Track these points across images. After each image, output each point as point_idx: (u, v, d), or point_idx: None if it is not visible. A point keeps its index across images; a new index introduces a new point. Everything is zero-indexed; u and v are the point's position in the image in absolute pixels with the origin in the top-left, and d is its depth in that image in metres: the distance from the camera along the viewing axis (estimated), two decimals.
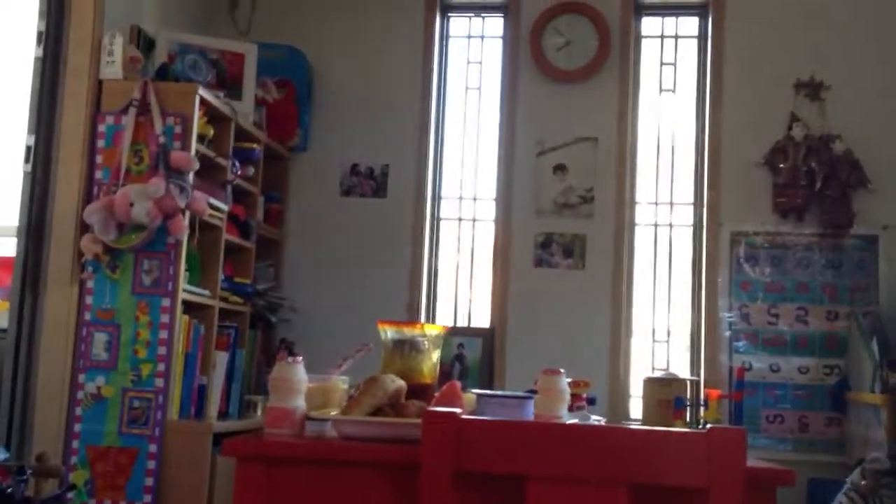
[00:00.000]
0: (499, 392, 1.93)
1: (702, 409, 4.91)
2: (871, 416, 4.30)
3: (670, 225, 5.24)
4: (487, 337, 5.11)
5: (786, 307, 4.92)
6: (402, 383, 1.67)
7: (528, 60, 5.22)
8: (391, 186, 5.21)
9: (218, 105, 4.16)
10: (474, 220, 5.37)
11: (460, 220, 5.38)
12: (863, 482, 3.45)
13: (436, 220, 5.37)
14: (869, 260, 4.87)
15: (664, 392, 4.92)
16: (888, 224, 4.81)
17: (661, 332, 5.17)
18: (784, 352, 4.90)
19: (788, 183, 4.88)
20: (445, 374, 4.86)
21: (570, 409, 1.95)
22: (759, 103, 5.01)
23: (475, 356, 5.11)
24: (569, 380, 1.96)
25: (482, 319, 5.23)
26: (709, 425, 1.32)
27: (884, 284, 4.81)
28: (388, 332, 1.86)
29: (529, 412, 1.76)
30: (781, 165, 4.89)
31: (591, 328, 5.01)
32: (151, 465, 3.69)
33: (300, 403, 1.65)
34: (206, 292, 4.14)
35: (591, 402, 2.03)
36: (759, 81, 5.04)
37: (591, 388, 2.04)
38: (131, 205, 3.61)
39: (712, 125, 5.08)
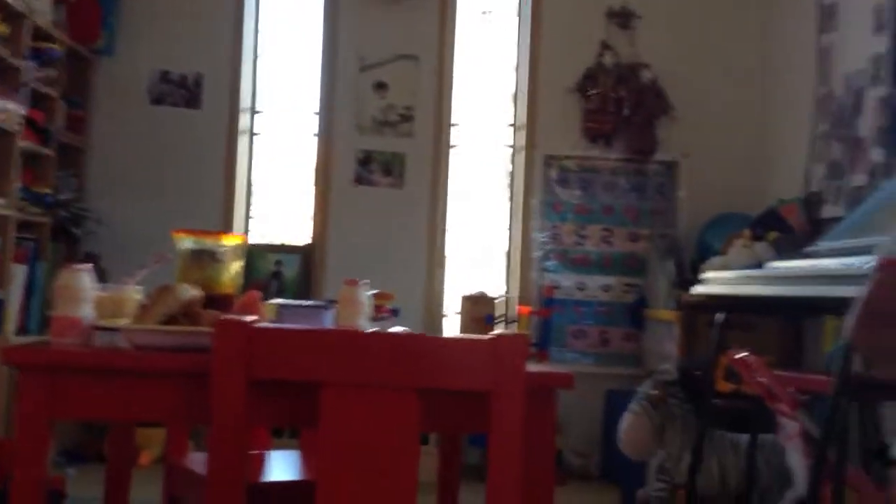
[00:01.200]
0: (296, 301, 1.93)
1: (514, 325, 5.12)
2: (664, 332, 4.59)
3: (487, 146, 5.33)
4: (306, 254, 5.07)
5: (592, 228, 5.15)
6: (196, 292, 1.63)
7: None
8: (205, 96, 5.02)
9: (10, 1, 3.85)
10: (293, 135, 5.27)
11: (278, 133, 5.26)
12: (653, 392, 3.69)
13: (252, 133, 5.23)
14: (669, 185, 5.15)
15: (478, 309, 5.08)
16: (688, 151, 5.09)
17: (478, 251, 5.30)
18: (589, 271, 5.14)
19: (598, 109, 5.06)
20: (262, 290, 4.81)
21: (374, 320, 1.97)
22: (573, 30, 5.13)
23: (293, 273, 5.07)
24: (373, 291, 1.97)
25: (301, 236, 5.19)
26: (496, 332, 1.37)
27: (681, 209, 5.11)
28: (186, 242, 1.81)
29: (327, 321, 1.76)
30: (592, 92, 5.05)
31: (410, 246, 5.07)
32: None
33: (87, 312, 1.59)
34: (2, 201, 3.87)
35: (395, 313, 2.06)
36: (573, 8, 5.15)
37: (394, 300, 2.08)
38: None
39: (531, 50, 5.16)
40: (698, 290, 3.75)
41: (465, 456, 3.20)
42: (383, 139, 5.10)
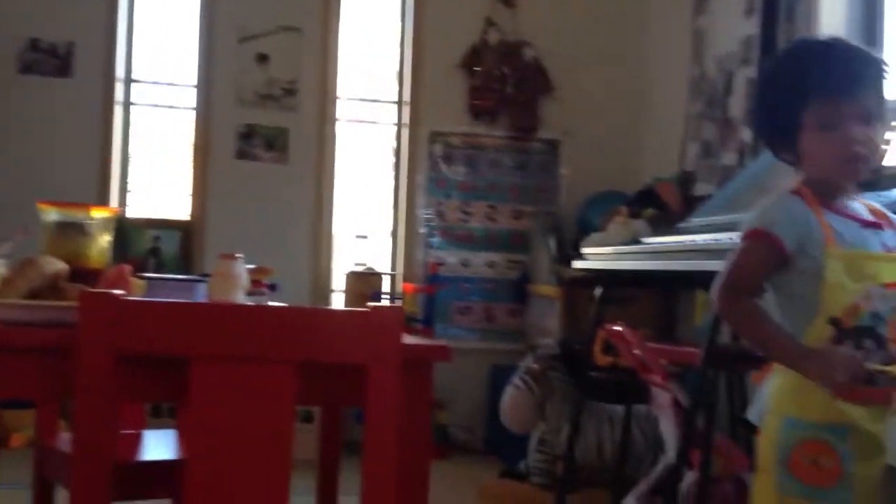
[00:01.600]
0: (167, 276, 1.88)
1: (398, 302, 5.12)
2: (547, 307, 4.68)
3: (372, 122, 5.30)
4: (186, 230, 4.95)
5: (477, 205, 5.19)
6: (61, 266, 1.57)
7: None
8: (77, 66, 4.81)
9: None
10: (171, 108, 5.12)
11: (156, 105, 5.10)
12: (534, 366, 3.77)
13: (128, 104, 5.05)
14: (551, 163, 5.23)
15: (363, 285, 5.06)
16: (569, 129, 5.18)
17: (364, 227, 5.28)
18: (474, 247, 5.19)
19: (483, 86, 5.09)
20: (139, 267, 4.66)
21: (251, 295, 1.94)
22: (458, 6, 5.13)
23: (172, 250, 4.94)
24: (250, 266, 1.94)
25: (181, 212, 5.05)
26: (375, 304, 1.36)
27: (563, 187, 5.21)
28: (51, 214, 1.73)
29: (200, 295, 1.72)
30: (477, 69, 5.08)
31: (294, 223, 5.01)
32: None
33: None
34: None
35: (273, 288, 2.03)
36: None
37: (272, 274, 2.04)
38: None
39: (415, 25, 5.15)
40: (578, 265, 3.84)
41: (352, 433, 3.19)
42: (266, 113, 5.01)
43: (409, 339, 1.59)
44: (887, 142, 1.78)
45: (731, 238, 2.40)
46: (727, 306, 1.71)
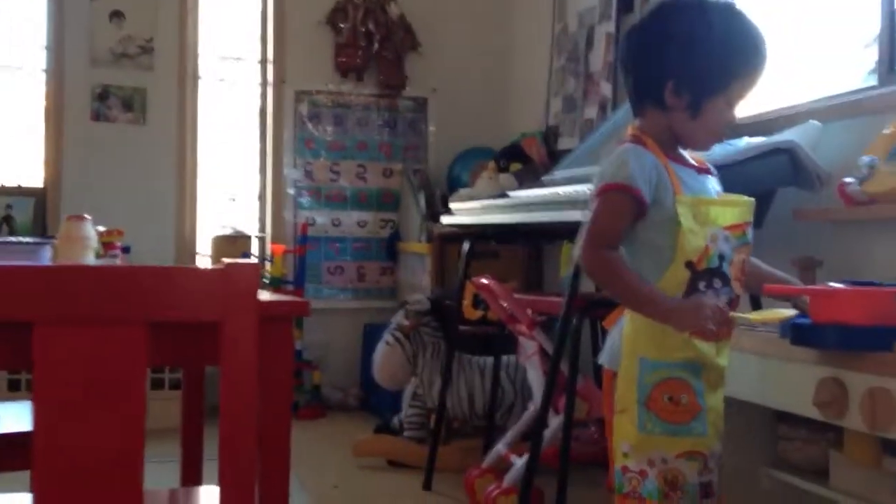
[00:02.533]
0: (9, 238, 1.79)
1: (267, 263, 5.04)
2: (418, 264, 4.70)
3: (236, 81, 5.16)
4: (40, 197, 4.73)
5: (346, 164, 5.15)
6: None
7: None
8: None
9: None
10: (20, 69, 4.84)
11: (5, 67, 4.82)
12: (404, 322, 3.79)
13: None
14: (419, 120, 5.23)
15: (231, 248, 4.96)
16: (437, 87, 5.18)
17: (229, 189, 5.16)
18: (344, 207, 5.15)
19: (348, 43, 5.03)
20: None
21: (103, 258, 1.87)
22: None
23: (26, 218, 4.71)
24: (100, 228, 1.87)
25: (34, 178, 4.80)
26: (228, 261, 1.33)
27: (432, 144, 5.22)
28: None
29: (45, 258, 1.65)
30: (342, 25, 5.01)
31: (156, 185, 4.85)
32: None
33: None
34: None
35: (126, 250, 1.96)
36: None
37: (123, 237, 1.97)
38: None
39: None
40: (446, 221, 3.86)
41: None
42: (122, 73, 4.81)
43: (266, 296, 1.57)
44: None
45: (589, 189, 2.46)
46: (592, 261, 1.74)
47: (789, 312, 1.76)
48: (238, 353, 1.33)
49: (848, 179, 2.30)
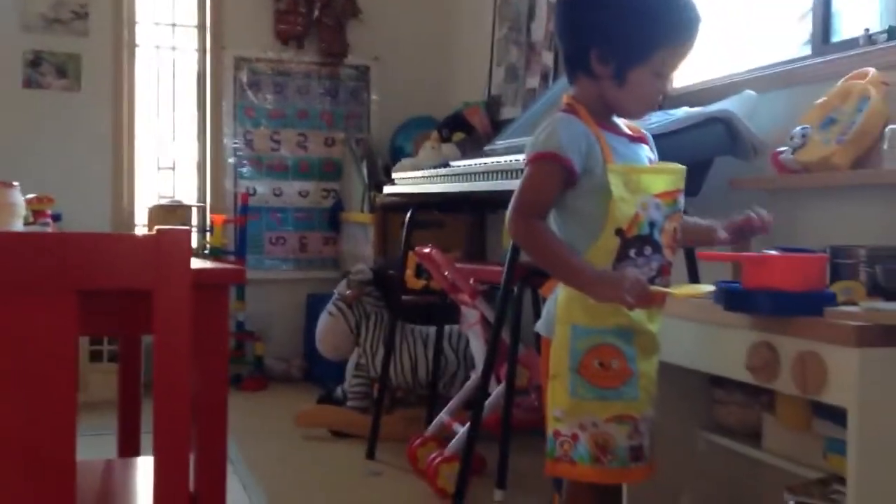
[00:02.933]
0: None
1: (207, 234, 4.98)
2: (360, 234, 4.68)
3: (173, 48, 5.05)
4: None
5: (287, 133, 5.09)
6: None
7: None
8: None
9: None
10: None
11: None
12: (347, 292, 3.78)
13: None
14: (361, 89, 5.18)
15: (169, 219, 4.88)
16: (379, 55, 5.13)
17: (167, 158, 5.07)
18: (286, 176, 5.09)
19: (289, 10, 4.95)
20: None
21: (31, 225, 1.82)
22: None
23: None
24: (30, 196, 1.82)
25: None
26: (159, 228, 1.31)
27: (374, 112, 5.18)
28: None
29: None
30: None
31: (92, 154, 4.74)
32: None
33: None
34: None
35: (56, 218, 1.92)
36: None
37: (54, 204, 1.92)
38: None
39: None
40: (388, 190, 3.85)
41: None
42: (55, 38, 4.67)
43: (201, 263, 1.54)
44: None
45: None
46: (521, 230, 1.74)
47: (708, 288, 1.79)
48: (170, 321, 1.30)
49: (782, 148, 2.34)
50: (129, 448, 2.06)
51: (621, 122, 1.86)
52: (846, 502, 1.64)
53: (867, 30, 2.42)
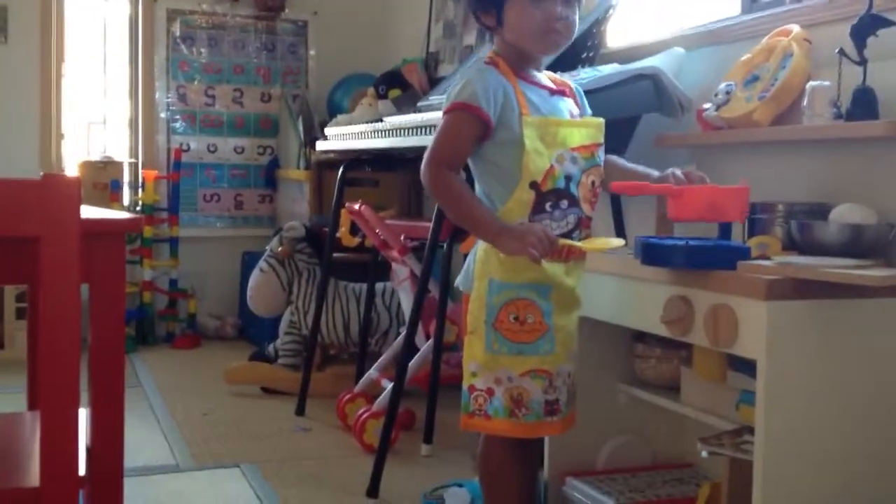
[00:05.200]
0: None
1: (139, 190, 4.88)
2: (296, 191, 4.62)
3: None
4: None
5: (223, 88, 4.98)
6: None
7: None
8: None
9: None
10: None
11: None
12: (279, 249, 3.73)
13: None
14: (299, 44, 5.08)
15: (100, 175, 4.77)
16: (317, 10, 5.03)
17: (98, 113, 4.93)
18: (221, 132, 4.99)
19: None
20: None
21: None
22: None
23: None
24: None
25: None
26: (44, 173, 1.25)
27: (312, 68, 5.09)
28: None
29: None
30: None
31: (18, 108, 4.59)
32: None
33: None
34: None
35: None
36: None
37: None
38: None
39: None
40: (322, 146, 3.79)
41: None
42: None
43: (94, 211, 1.49)
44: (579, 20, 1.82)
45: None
46: (433, 181, 1.73)
47: (617, 242, 1.79)
48: (58, 270, 1.25)
49: (706, 105, 2.34)
50: (37, 403, 2.01)
51: (543, 76, 1.84)
52: (755, 451, 1.66)
53: None
